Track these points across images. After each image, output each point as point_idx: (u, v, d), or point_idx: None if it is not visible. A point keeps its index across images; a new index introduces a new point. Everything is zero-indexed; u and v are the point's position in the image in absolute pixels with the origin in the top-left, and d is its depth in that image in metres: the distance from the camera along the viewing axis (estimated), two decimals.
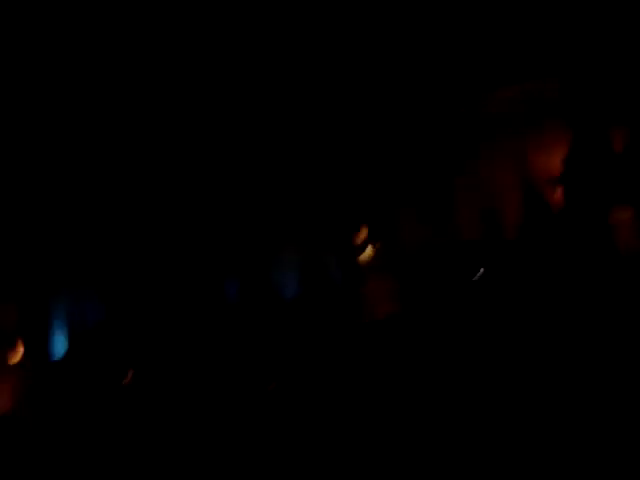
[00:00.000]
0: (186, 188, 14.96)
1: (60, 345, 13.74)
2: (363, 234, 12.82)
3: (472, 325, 12.08)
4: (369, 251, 12.46)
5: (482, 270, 12.60)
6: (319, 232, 14.36)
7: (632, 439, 9.58)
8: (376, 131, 14.45)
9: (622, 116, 14.47)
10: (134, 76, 12.30)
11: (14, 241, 12.76)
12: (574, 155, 13.80)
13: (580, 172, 13.78)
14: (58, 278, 13.89)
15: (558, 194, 13.90)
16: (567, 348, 11.24)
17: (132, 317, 14.65)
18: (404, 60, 13.99)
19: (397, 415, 11.29)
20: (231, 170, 15.14)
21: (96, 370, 14.15)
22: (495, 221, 13.14)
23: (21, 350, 12.09)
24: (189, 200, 14.90)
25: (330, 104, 14.23)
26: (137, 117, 12.97)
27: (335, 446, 10.75)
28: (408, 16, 13.26)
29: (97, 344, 14.45)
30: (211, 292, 14.61)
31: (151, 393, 13.72)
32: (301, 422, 11.58)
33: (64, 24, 11.62)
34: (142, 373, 14.06)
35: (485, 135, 14.60)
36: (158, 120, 13.20)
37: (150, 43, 11.92)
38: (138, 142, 13.41)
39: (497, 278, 12.63)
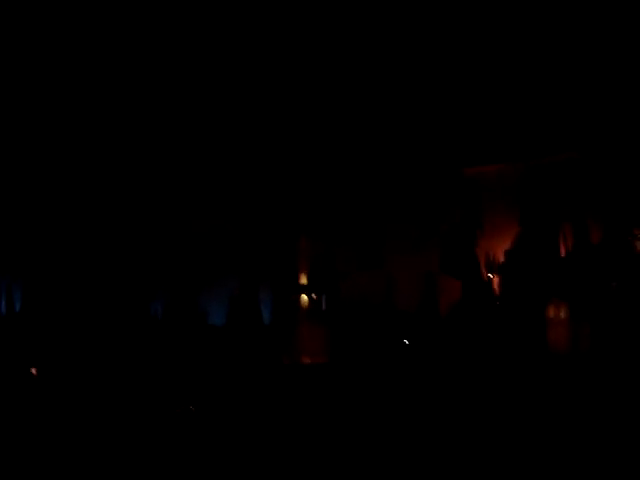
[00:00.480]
0: (127, 198, 14.63)
1: None
2: (302, 280, 12.72)
3: (392, 389, 11.97)
4: (305, 298, 12.38)
5: (406, 342, 12.61)
6: (259, 266, 14.18)
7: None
8: (336, 182, 14.34)
9: (574, 218, 14.59)
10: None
11: None
12: (519, 246, 13.88)
13: (522, 264, 13.85)
14: None
15: (496, 281, 13.93)
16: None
17: (49, 313, 14.18)
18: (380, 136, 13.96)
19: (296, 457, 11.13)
20: (179, 188, 14.82)
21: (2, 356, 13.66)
22: (433, 294, 13.13)
23: None
24: (131, 209, 14.56)
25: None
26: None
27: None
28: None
29: (7, 331, 13.95)
30: (136, 304, 14.25)
31: (53, 394, 13.25)
32: (204, 449, 11.35)
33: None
34: (47, 372, 13.59)
35: (440, 209, 14.57)
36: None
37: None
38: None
39: (424, 351, 12.57)
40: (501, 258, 13.75)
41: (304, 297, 12.31)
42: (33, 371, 13.60)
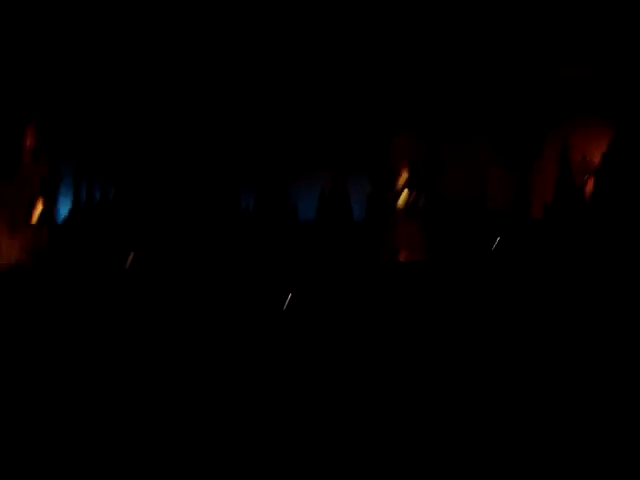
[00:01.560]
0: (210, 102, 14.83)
1: (65, 211, 13.72)
2: (403, 178, 12.88)
3: (486, 292, 12.18)
4: (404, 195, 12.55)
5: (498, 240, 12.75)
6: (352, 160, 14.36)
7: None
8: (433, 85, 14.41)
9: None
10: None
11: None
12: (614, 151, 13.96)
13: (617, 168, 13.94)
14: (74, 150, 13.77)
15: (591, 185, 14.03)
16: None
17: (141, 203, 14.50)
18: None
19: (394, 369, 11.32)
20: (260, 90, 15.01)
21: (98, 242, 14.02)
22: (525, 197, 13.27)
23: (39, 209, 12.06)
24: (217, 105, 14.78)
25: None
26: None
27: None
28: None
29: (101, 219, 14.30)
30: (227, 198, 14.53)
31: (149, 281, 13.62)
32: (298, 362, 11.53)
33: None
34: (143, 259, 13.95)
35: (532, 114, 14.66)
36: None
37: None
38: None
39: (516, 252, 12.78)
40: (596, 162, 13.77)
41: (404, 194, 12.41)
42: (129, 257, 13.86)
